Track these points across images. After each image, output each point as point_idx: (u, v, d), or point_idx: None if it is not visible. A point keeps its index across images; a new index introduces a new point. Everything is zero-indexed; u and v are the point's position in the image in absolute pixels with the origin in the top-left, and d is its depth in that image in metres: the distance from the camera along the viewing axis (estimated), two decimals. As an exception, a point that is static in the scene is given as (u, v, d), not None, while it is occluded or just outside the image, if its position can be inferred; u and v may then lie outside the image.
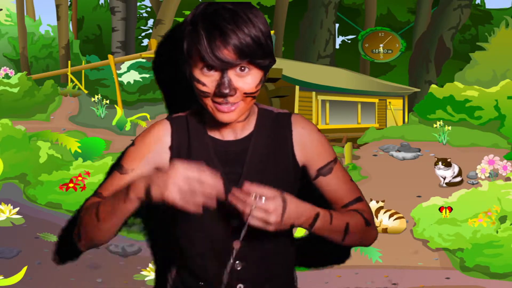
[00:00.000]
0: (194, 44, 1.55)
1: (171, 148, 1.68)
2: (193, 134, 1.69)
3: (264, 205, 1.49)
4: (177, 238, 1.71)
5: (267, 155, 1.70)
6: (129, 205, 1.53)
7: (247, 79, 1.58)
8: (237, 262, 1.67)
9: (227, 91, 1.55)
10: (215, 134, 1.69)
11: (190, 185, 1.45)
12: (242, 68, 1.57)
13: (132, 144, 1.71)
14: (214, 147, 1.68)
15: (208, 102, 1.60)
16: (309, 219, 1.58)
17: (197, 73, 1.58)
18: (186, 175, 1.45)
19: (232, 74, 1.57)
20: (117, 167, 1.73)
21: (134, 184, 1.52)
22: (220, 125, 1.67)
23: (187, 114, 1.72)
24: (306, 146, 1.73)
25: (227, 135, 1.69)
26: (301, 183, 1.76)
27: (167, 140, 1.68)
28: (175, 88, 1.83)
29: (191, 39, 1.56)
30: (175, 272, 1.72)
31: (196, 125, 1.69)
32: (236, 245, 1.66)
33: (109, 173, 1.77)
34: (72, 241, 1.72)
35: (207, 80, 1.57)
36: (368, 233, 1.78)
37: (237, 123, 1.68)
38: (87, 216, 1.63)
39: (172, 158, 1.67)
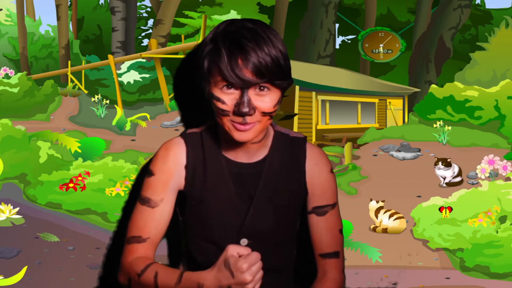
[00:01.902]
0: (215, 62, 1.56)
1: (186, 167, 1.69)
2: (208, 152, 1.69)
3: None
4: (188, 246, 1.74)
5: (280, 179, 1.72)
6: None
7: (265, 99, 1.59)
8: None
9: (246, 109, 1.56)
10: (229, 154, 1.70)
11: (252, 267, 1.47)
12: (262, 88, 1.58)
13: (151, 173, 1.68)
14: (228, 167, 1.69)
15: (226, 121, 1.60)
16: None
17: (217, 92, 1.59)
18: (247, 263, 1.46)
19: (251, 94, 1.58)
20: (141, 201, 1.68)
21: (209, 281, 1.52)
22: (234, 145, 1.68)
23: (202, 131, 1.72)
24: (314, 181, 1.75)
25: (241, 156, 1.70)
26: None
27: (182, 160, 1.68)
28: (192, 104, 1.83)
29: (212, 57, 1.58)
30: None
31: (210, 143, 1.70)
32: None
33: (130, 207, 1.73)
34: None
35: (227, 98, 1.58)
36: None
37: (251, 144, 1.68)
38: (142, 283, 1.62)
39: (187, 177, 1.68)
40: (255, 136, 1.63)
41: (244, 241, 1.69)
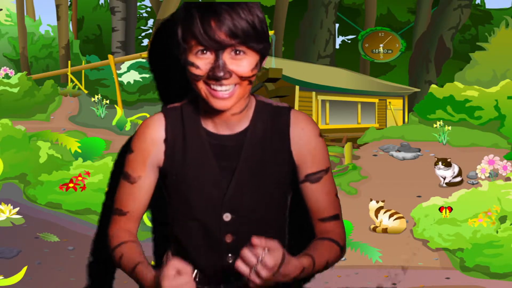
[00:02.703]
0: (188, 27, 1.54)
1: (165, 141, 1.67)
2: (188, 126, 1.67)
3: (265, 259, 1.47)
4: (172, 226, 1.72)
5: (263, 150, 1.67)
6: None
7: (242, 62, 1.56)
8: (230, 255, 1.67)
9: (221, 74, 1.53)
10: (210, 127, 1.67)
11: None
12: (237, 52, 1.55)
13: (131, 150, 1.70)
14: (209, 140, 1.66)
15: (202, 86, 1.58)
16: (293, 276, 1.57)
17: (191, 57, 1.56)
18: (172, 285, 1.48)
19: (226, 57, 1.55)
20: (123, 176, 1.71)
21: (148, 284, 1.57)
22: (215, 117, 1.65)
23: (182, 105, 1.70)
24: (302, 148, 1.69)
25: (222, 128, 1.66)
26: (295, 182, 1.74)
27: (161, 135, 1.67)
28: (170, 78, 1.83)
29: (185, 22, 1.55)
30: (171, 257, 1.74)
31: (191, 116, 1.67)
32: (228, 239, 1.66)
33: (114, 182, 1.77)
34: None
35: (201, 63, 1.55)
36: (340, 257, 1.76)
37: (232, 115, 1.65)
38: (112, 258, 1.70)
39: (167, 151, 1.67)
40: (234, 103, 1.59)
41: (227, 216, 1.65)
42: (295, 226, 1.81)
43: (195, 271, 1.67)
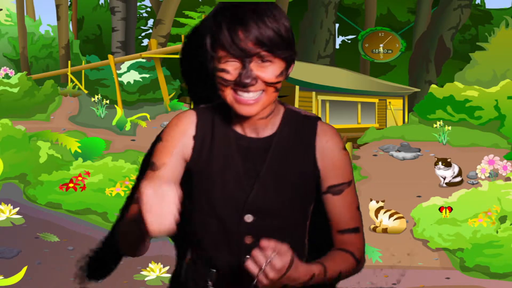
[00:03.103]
0: (216, 36, 1.59)
1: (195, 137, 1.70)
2: (217, 126, 1.71)
3: (273, 261, 1.48)
4: (192, 224, 1.72)
5: (288, 156, 1.70)
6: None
7: (268, 69, 1.60)
8: (248, 257, 1.66)
9: (248, 80, 1.58)
10: (239, 129, 1.70)
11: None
12: (263, 59, 1.59)
13: (160, 139, 1.72)
14: (237, 141, 1.69)
15: (229, 92, 1.62)
16: (302, 282, 1.58)
17: (220, 64, 1.61)
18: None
19: (253, 65, 1.59)
20: (150, 166, 1.73)
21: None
22: (243, 120, 1.69)
23: (213, 106, 1.74)
24: (326, 159, 1.72)
25: (250, 131, 1.70)
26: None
27: (191, 130, 1.70)
28: (200, 84, 1.85)
29: (213, 32, 1.60)
30: (189, 258, 1.74)
31: (221, 117, 1.71)
32: (248, 240, 1.67)
33: (143, 173, 1.79)
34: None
35: (230, 68, 1.60)
36: (356, 271, 1.78)
37: (259, 120, 1.69)
38: (121, 223, 1.73)
39: (195, 147, 1.69)
40: (259, 110, 1.63)
41: (248, 217, 1.67)
42: (315, 238, 1.82)
43: (213, 271, 1.69)
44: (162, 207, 1.39)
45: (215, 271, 1.69)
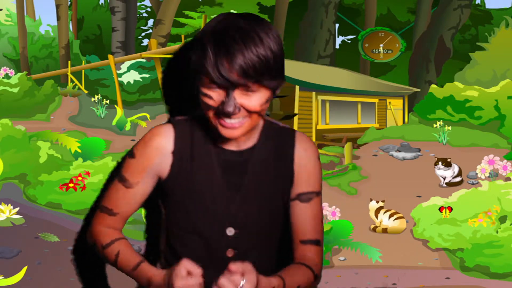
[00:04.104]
0: (202, 61, 1.56)
1: (173, 153, 1.68)
2: (196, 140, 1.69)
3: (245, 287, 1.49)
4: (171, 242, 1.72)
5: (268, 168, 1.70)
6: None
7: (252, 98, 1.58)
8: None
9: (230, 109, 1.55)
10: (218, 142, 1.69)
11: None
12: (248, 88, 1.56)
13: (133, 155, 1.71)
14: (216, 154, 1.68)
15: (212, 116, 1.60)
16: None
17: (204, 88, 1.59)
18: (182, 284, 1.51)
19: (237, 93, 1.56)
20: (119, 178, 1.72)
21: (156, 283, 1.59)
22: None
23: (192, 118, 1.72)
24: (301, 167, 1.73)
25: (229, 145, 1.69)
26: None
27: (169, 146, 1.68)
28: (181, 94, 1.84)
29: (199, 56, 1.57)
30: None
31: (200, 131, 1.69)
32: (230, 253, 1.67)
33: (110, 182, 1.77)
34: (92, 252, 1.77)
35: (214, 94, 1.58)
36: (313, 284, 1.76)
37: None
38: (104, 255, 1.71)
39: (174, 163, 1.68)
40: (243, 133, 1.62)
41: (230, 231, 1.67)
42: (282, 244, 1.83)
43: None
44: None
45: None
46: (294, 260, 1.75)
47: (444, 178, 9.75)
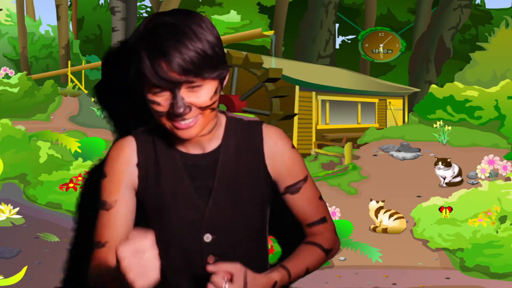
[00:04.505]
0: (139, 68, 1.50)
1: (138, 165, 1.64)
2: (160, 149, 1.65)
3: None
4: None
5: (237, 167, 1.66)
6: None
7: (200, 94, 1.53)
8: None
9: (180, 110, 1.50)
10: (182, 148, 1.65)
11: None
12: (192, 84, 1.51)
13: (104, 175, 1.65)
14: (182, 161, 1.64)
15: (166, 121, 1.55)
16: None
17: (149, 95, 1.53)
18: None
19: (184, 92, 1.51)
20: (99, 204, 1.65)
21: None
22: (185, 139, 1.62)
23: (152, 128, 1.67)
24: (277, 162, 1.69)
25: (194, 149, 1.65)
26: (274, 194, 1.73)
27: (133, 158, 1.64)
28: (127, 106, 1.79)
29: (135, 64, 1.52)
30: None
31: (161, 138, 1.65)
32: (211, 260, 1.64)
33: (94, 214, 1.69)
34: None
35: (160, 99, 1.53)
36: (326, 260, 1.76)
37: (201, 136, 1.63)
38: (96, 277, 1.61)
39: (140, 175, 1.64)
40: (199, 131, 1.57)
41: (207, 237, 1.63)
42: (283, 233, 1.83)
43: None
44: (144, 265, 1.33)
45: None
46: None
47: (444, 178, 9.75)
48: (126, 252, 1.32)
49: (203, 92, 1.53)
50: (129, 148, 1.65)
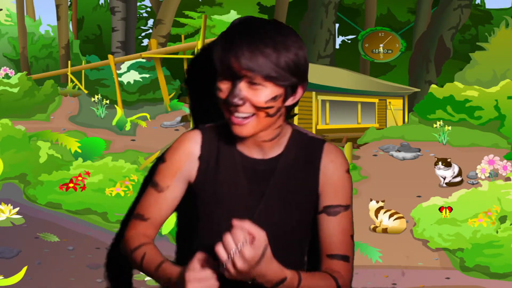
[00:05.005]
0: (214, 57, 1.61)
1: (200, 158, 1.70)
2: (223, 147, 1.70)
3: (243, 250, 1.44)
4: (195, 246, 1.70)
5: (293, 177, 1.69)
6: None
7: (258, 93, 1.58)
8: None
9: (235, 100, 1.57)
10: (245, 150, 1.69)
11: None
12: (253, 81, 1.57)
13: (163, 160, 1.72)
14: (242, 162, 1.69)
15: (225, 112, 1.62)
16: (272, 281, 1.53)
17: (217, 82, 1.62)
18: (195, 277, 1.50)
19: (243, 85, 1.58)
20: (151, 183, 1.73)
21: (174, 279, 1.57)
22: (248, 141, 1.68)
23: (219, 125, 1.73)
24: (327, 178, 1.72)
25: (255, 153, 1.69)
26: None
27: (196, 151, 1.70)
28: (206, 101, 1.85)
29: (212, 53, 1.62)
30: None
31: (226, 137, 1.70)
32: None
33: (143, 189, 1.78)
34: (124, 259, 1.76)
35: (223, 87, 1.60)
36: None
37: (262, 142, 1.67)
38: (132, 259, 1.70)
39: (200, 168, 1.69)
40: (253, 132, 1.62)
41: None
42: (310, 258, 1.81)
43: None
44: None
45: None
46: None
47: (444, 178, 9.75)
48: (194, 277, 1.48)
49: (262, 93, 1.58)
50: (194, 141, 1.71)
